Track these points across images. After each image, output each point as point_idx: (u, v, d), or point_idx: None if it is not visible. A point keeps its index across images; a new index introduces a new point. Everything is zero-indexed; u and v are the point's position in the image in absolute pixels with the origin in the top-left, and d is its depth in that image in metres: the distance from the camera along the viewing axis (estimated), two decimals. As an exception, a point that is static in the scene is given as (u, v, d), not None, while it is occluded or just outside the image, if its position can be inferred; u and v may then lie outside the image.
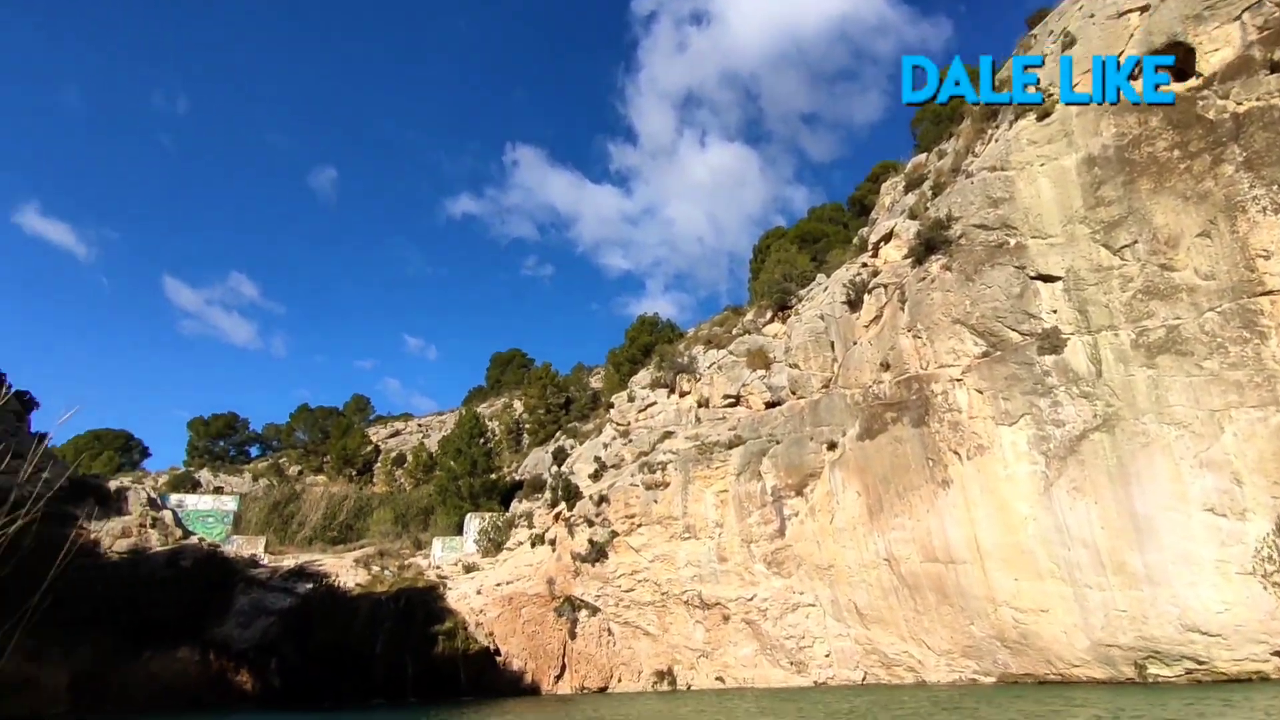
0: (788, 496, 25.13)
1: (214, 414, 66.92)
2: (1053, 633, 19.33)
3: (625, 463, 29.51)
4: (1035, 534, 19.87)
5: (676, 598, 26.14)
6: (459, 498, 40.52)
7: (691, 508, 26.39)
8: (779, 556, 24.86)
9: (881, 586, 22.65)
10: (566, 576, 28.21)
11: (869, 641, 23.02)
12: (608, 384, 46.31)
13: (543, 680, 27.13)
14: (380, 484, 54.52)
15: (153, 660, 28.15)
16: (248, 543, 37.23)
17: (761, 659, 24.68)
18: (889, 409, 23.63)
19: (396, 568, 34.13)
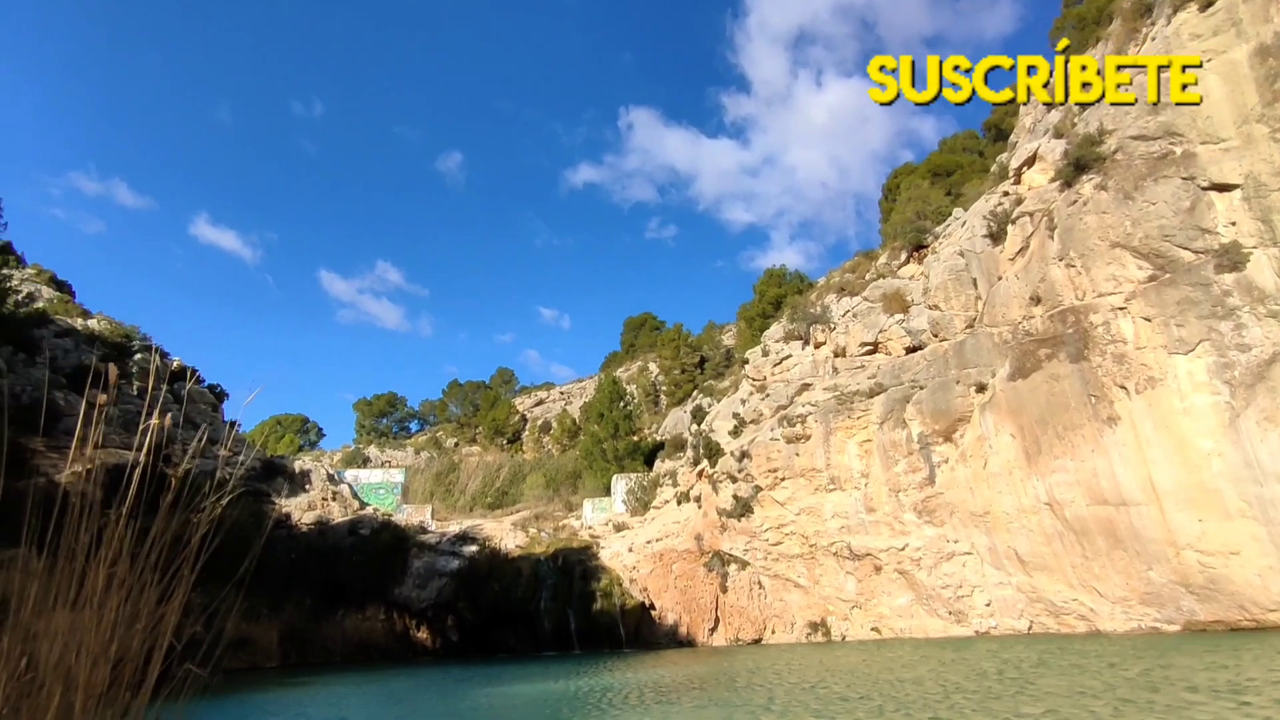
0: (935, 443, 24.22)
1: (376, 394, 72.08)
2: (1245, 576, 17.75)
3: (764, 418, 29.36)
4: (1221, 471, 18.22)
5: (825, 549, 25.96)
6: (604, 460, 41.82)
7: (834, 459, 25.97)
8: (930, 505, 24.10)
9: (1044, 532, 21.51)
10: (713, 532, 28.62)
11: (1033, 590, 21.98)
12: (740, 340, 46.05)
13: (697, 633, 27.85)
14: (529, 451, 57.07)
15: (346, 619, 31.16)
16: (416, 511, 40.17)
17: (918, 609, 24.16)
18: (1042, 345, 22.17)
19: (552, 529, 35.83)
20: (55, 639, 2.45)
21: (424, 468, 53.59)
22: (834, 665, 18.60)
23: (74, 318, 35.77)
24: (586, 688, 16.68)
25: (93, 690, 2.50)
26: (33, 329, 29.08)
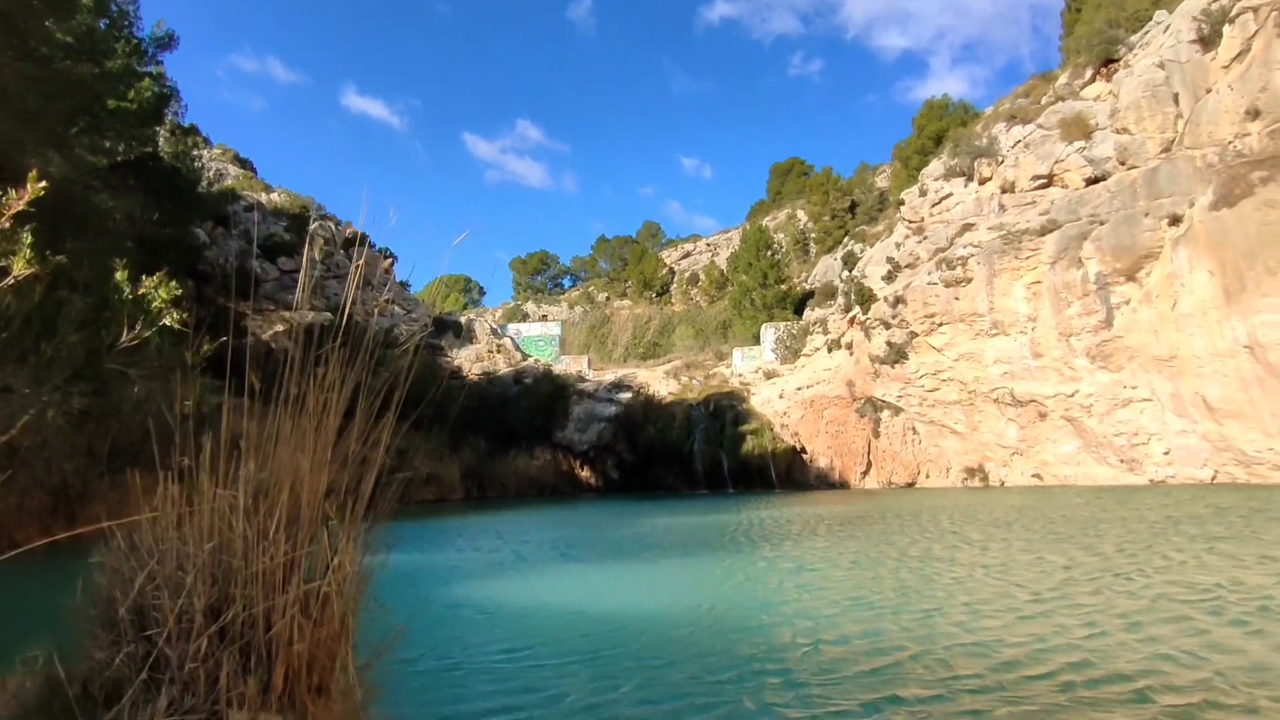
0: (1116, 283, 22.24)
1: (529, 253, 74.58)
2: None
3: (920, 261, 27.96)
4: None
5: (985, 396, 25.12)
6: (753, 309, 41.73)
7: (998, 302, 24.55)
8: (1105, 349, 22.50)
9: (1240, 377, 19.68)
10: (866, 379, 28.33)
11: (1221, 438, 20.42)
12: (895, 181, 43.25)
13: (849, 476, 28.28)
14: (678, 303, 57.76)
15: (517, 459, 34.06)
16: (573, 361, 42.26)
17: (1085, 456, 23.19)
18: (1256, 167, 19.41)
19: (703, 377, 36.75)
20: (283, 455, 2.85)
21: (578, 321, 55.78)
22: (993, 504, 18.50)
23: (258, 192, 38.88)
24: (740, 520, 17.59)
25: (314, 494, 2.89)
26: (226, 205, 31.91)
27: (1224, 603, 6.90)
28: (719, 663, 5.91)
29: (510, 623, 7.71)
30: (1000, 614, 7.16)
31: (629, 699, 5.09)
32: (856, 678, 5.49)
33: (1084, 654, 5.61)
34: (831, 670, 5.80)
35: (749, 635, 6.79)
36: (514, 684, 5.65)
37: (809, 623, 7.23)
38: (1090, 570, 8.96)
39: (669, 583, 9.93)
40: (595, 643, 6.77)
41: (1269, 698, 4.59)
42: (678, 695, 5.17)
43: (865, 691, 5.19)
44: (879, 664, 5.75)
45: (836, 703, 4.88)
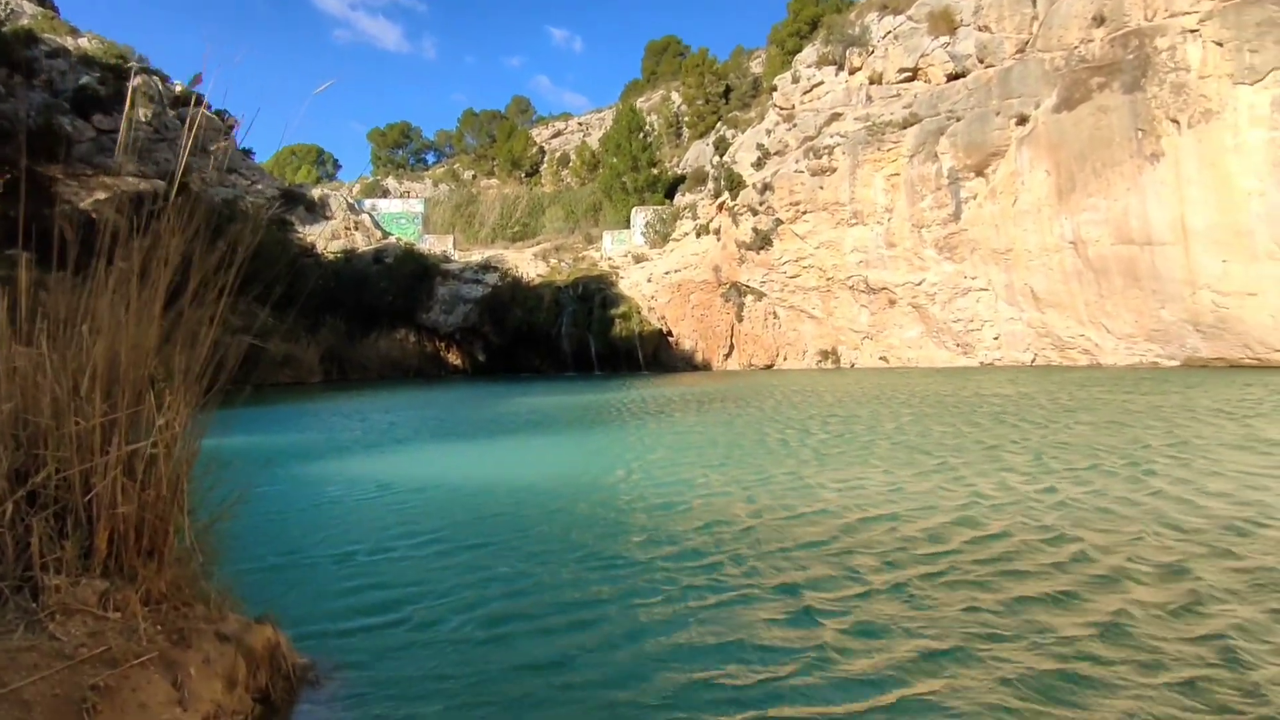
0: (966, 178, 23.50)
1: (389, 124, 69.71)
2: (1257, 317, 18.02)
3: (789, 149, 28.35)
4: (1259, 212, 17.79)
5: (841, 283, 26.36)
6: (624, 193, 41.25)
7: (859, 193, 25.44)
8: (952, 241, 23.97)
9: (1063, 270, 21.57)
10: (732, 264, 28.95)
11: (1043, 325, 22.55)
12: (770, 66, 43.03)
13: (712, 358, 29.30)
14: (548, 184, 56.20)
15: (379, 340, 32.92)
16: (438, 241, 40.63)
17: (927, 341, 25.04)
18: (1096, 73, 20.64)
19: (572, 260, 36.37)
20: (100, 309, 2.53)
21: (443, 200, 53.29)
22: (842, 383, 19.82)
23: (62, 36, 33.66)
24: (610, 400, 17.92)
25: (139, 353, 2.62)
26: (22, 48, 27.51)
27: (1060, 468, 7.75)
28: (609, 530, 6.05)
29: (385, 501, 7.58)
30: (854, 480, 7.69)
31: (512, 553, 5.16)
32: (734, 535, 5.77)
33: (948, 512, 6.13)
34: (694, 527, 6.08)
35: (632, 504, 6.98)
36: (406, 570, 5.60)
37: (680, 489, 7.51)
38: (933, 446, 9.78)
39: (542, 458, 10.02)
40: (470, 503, 6.78)
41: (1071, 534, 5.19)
42: (574, 558, 5.28)
43: (738, 543, 5.47)
44: (752, 523, 6.07)
45: (679, 547, 5.14)
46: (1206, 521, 5.37)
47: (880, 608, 4.18)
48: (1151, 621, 3.78)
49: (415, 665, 3.56)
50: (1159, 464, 7.35)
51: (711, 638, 3.76)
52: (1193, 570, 4.40)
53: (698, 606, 4.23)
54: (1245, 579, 4.29)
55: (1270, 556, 4.68)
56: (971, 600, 4.15)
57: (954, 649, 3.54)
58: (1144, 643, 3.53)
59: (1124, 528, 5.38)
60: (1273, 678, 3.18)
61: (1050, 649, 3.54)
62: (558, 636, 3.82)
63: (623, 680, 3.35)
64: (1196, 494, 6.16)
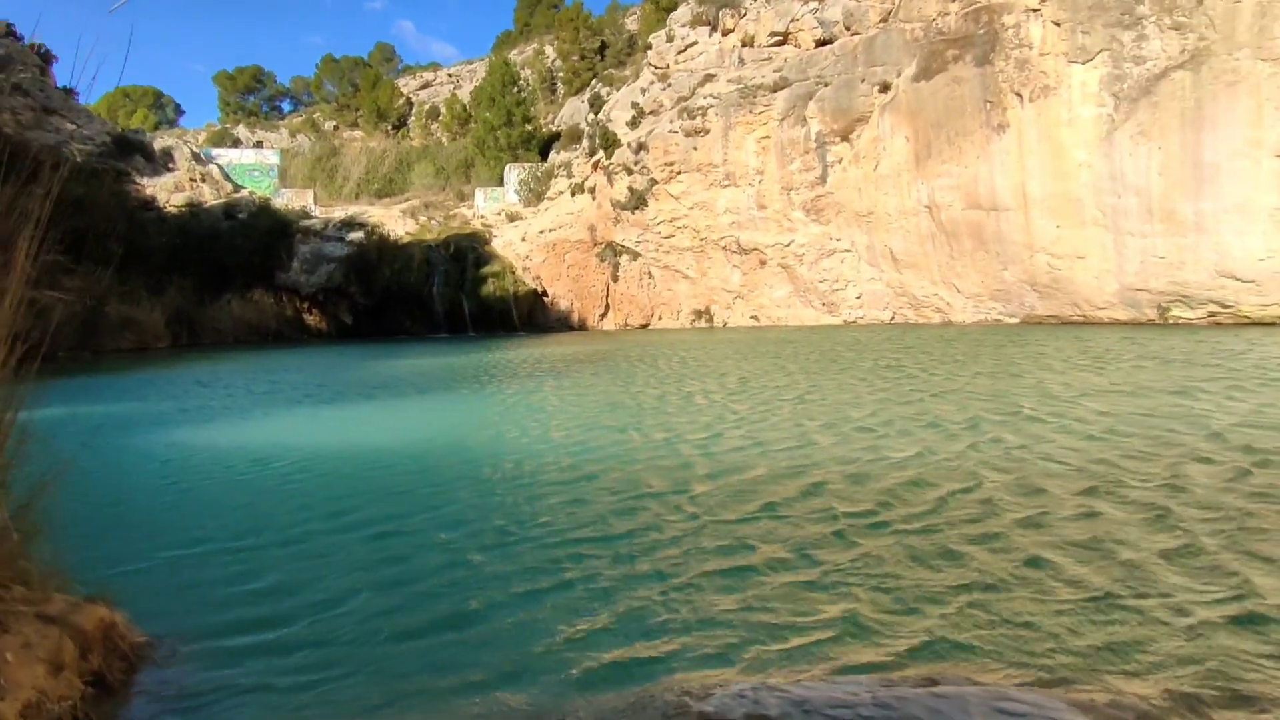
0: (832, 143, 24.30)
1: (238, 67, 64.45)
2: (1085, 278, 19.72)
3: (664, 109, 28.33)
4: (1087, 181, 19.35)
5: (715, 243, 26.80)
6: (497, 149, 40.08)
7: (732, 154, 25.82)
8: (819, 204, 24.81)
9: (919, 233, 22.82)
10: (607, 224, 28.82)
11: (900, 285, 23.84)
12: (645, 24, 42.69)
13: (588, 318, 29.22)
14: (417, 138, 53.81)
15: (233, 301, 30.71)
16: (296, 195, 38.14)
17: (795, 300, 25.95)
18: (952, 45, 21.71)
19: (442, 218, 35.11)
20: None
21: (302, 152, 50.02)
22: (714, 341, 20.32)
23: None
24: (484, 360, 17.53)
25: None
26: None
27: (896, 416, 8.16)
28: (493, 488, 5.88)
29: (256, 479, 7.07)
30: (726, 433, 7.81)
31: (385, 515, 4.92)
32: (607, 486, 5.72)
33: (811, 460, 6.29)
34: (575, 480, 6.01)
35: (515, 460, 6.82)
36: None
37: (554, 446, 7.41)
38: (807, 390, 10.11)
39: (415, 420, 9.67)
40: (363, 476, 6.43)
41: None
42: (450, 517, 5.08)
43: (610, 495, 5.44)
44: (627, 474, 6.06)
45: (597, 516, 5.07)
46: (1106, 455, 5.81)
47: (831, 557, 4.27)
48: (1069, 554, 4.03)
49: (267, 637, 3.35)
50: (1056, 409, 7.92)
51: (663, 611, 3.72)
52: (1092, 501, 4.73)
53: (641, 584, 4.17)
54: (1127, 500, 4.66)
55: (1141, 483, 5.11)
56: (857, 545, 4.30)
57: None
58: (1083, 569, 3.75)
59: (1077, 464, 5.74)
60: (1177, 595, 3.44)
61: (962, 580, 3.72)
62: (432, 605, 3.69)
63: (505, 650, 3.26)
64: (1084, 432, 6.68)
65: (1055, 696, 2.58)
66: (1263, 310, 17.35)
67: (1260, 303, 17.38)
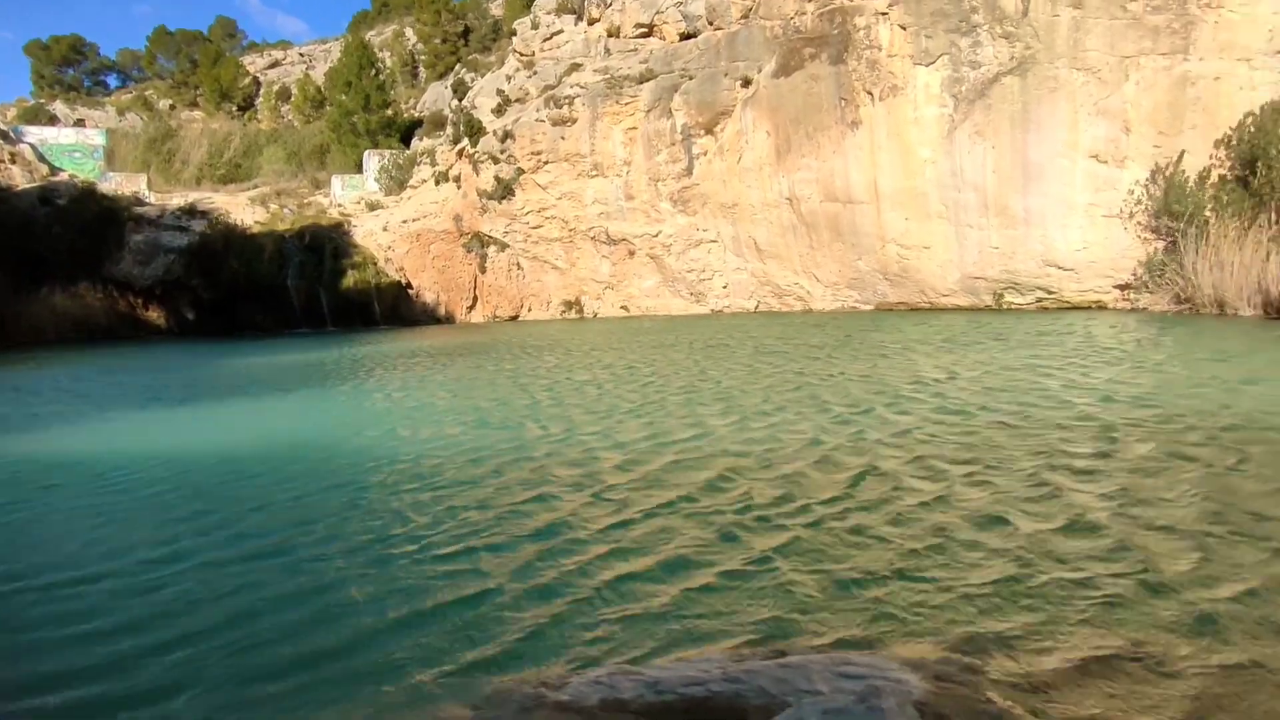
0: (697, 135, 24.74)
1: (54, 36, 58.16)
2: (930, 267, 21.06)
3: (530, 97, 27.92)
4: (931, 177, 20.60)
5: (584, 234, 26.72)
6: (355, 135, 38.22)
7: (599, 145, 25.79)
8: (685, 195, 25.22)
9: (781, 224, 23.64)
10: (474, 214, 28.12)
11: (764, 275, 24.66)
12: (510, 9, 41.89)
13: (456, 310, 28.44)
14: (266, 120, 50.54)
15: (53, 296, 27.76)
16: (127, 180, 34.83)
17: (664, 290, 26.30)
18: (808, 44, 22.54)
19: (296, 206, 33.15)
20: None
21: (133, 132, 45.80)
22: (590, 331, 20.29)
23: None
24: (351, 355, 16.69)
25: None
26: None
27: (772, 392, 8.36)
28: (352, 487, 5.54)
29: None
30: (591, 417, 7.74)
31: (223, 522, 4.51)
32: (474, 478, 5.53)
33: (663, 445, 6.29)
34: (439, 475, 5.77)
35: (402, 461, 6.48)
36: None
37: (447, 444, 7.12)
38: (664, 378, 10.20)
39: (280, 423, 9.03)
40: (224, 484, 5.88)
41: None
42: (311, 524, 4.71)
43: (511, 493, 5.25)
44: (531, 469, 5.87)
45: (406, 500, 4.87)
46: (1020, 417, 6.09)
47: (688, 530, 4.22)
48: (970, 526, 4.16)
49: (96, 692, 2.99)
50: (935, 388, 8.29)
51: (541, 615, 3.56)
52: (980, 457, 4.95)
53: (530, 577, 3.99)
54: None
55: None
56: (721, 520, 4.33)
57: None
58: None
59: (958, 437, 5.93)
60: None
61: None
62: (300, 636, 3.42)
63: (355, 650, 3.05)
64: (981, 399, 7.03)
65: (890, 658, 2.81)
66: (1080, 296, 19.14)
67: (1078, 289, 19.16)
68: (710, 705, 2.45)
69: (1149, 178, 17.85)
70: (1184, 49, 17.45)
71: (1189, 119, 17.57)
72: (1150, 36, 17.69)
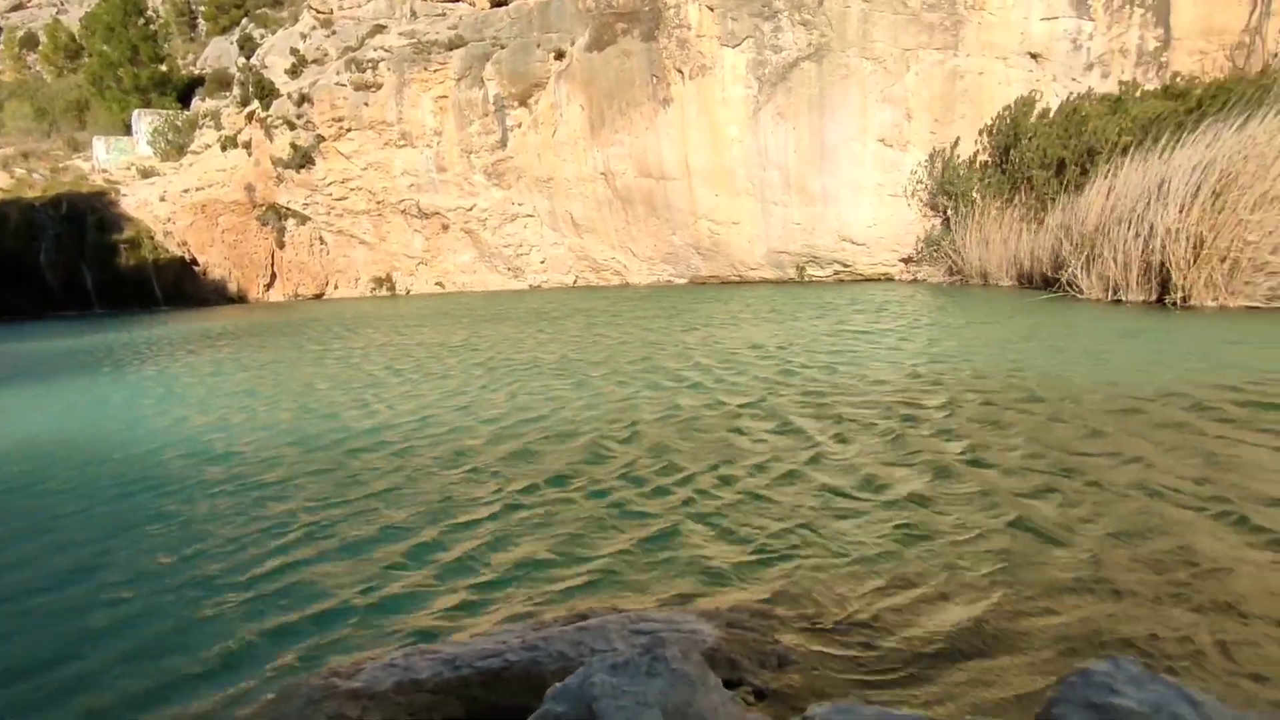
0: (511, 107, 24.19)
1: None
2: (739, 242, 22.00)
3: (329, 58, 26.00)
4: (739, 155, 21.44)
5: (393, 207, 25.42)
6: (121, 91, 33.90)
7: (407, 113, 24.54)
8: (500, 168, 24.63)
9: (596, 199, 23.73)
10: (268, 183, 25.89)
11: (582, 249, 24.69)
12: (304, -37, 38.69)
13: (250, 288, 26.14)
14: (8, 70, 43.71)
15: None
16: None
17: (480, 265, 25.64)
18: (620, 19, 22.61)
19: (49, 171, 28.98)
20: None
21: None
22: (410, 309, 19.39)
23: None
24: (130, 340, 14.84)
25: None
26: None
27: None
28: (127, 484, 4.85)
29: None
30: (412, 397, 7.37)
31: None
32: (298, 470, 5.07)
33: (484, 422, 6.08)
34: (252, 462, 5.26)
35: (161, 448, 5.73)
36: None
37: (280, 432, 6.45)
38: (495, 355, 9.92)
39: (41, 417, 7.82)
40: None
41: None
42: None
43: (305, 477, 4.82)
44: (276, 454, 5.44)
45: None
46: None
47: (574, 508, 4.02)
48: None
49: None
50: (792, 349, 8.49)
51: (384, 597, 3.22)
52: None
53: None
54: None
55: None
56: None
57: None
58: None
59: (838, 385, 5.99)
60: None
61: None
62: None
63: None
64: (826, 365, 7.22)
65: (687, 611, 2.92)
66: (872, 269, 20.80)
67: (870, 263, 20.80)
68: (507, 675, 2.48)
69: (926, 161, 19.65)
70: (954, 45, 19.25)
71: (959, 109, 19.47)
72: (927, 32, 19.35)
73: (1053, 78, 18.69)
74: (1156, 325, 9.82)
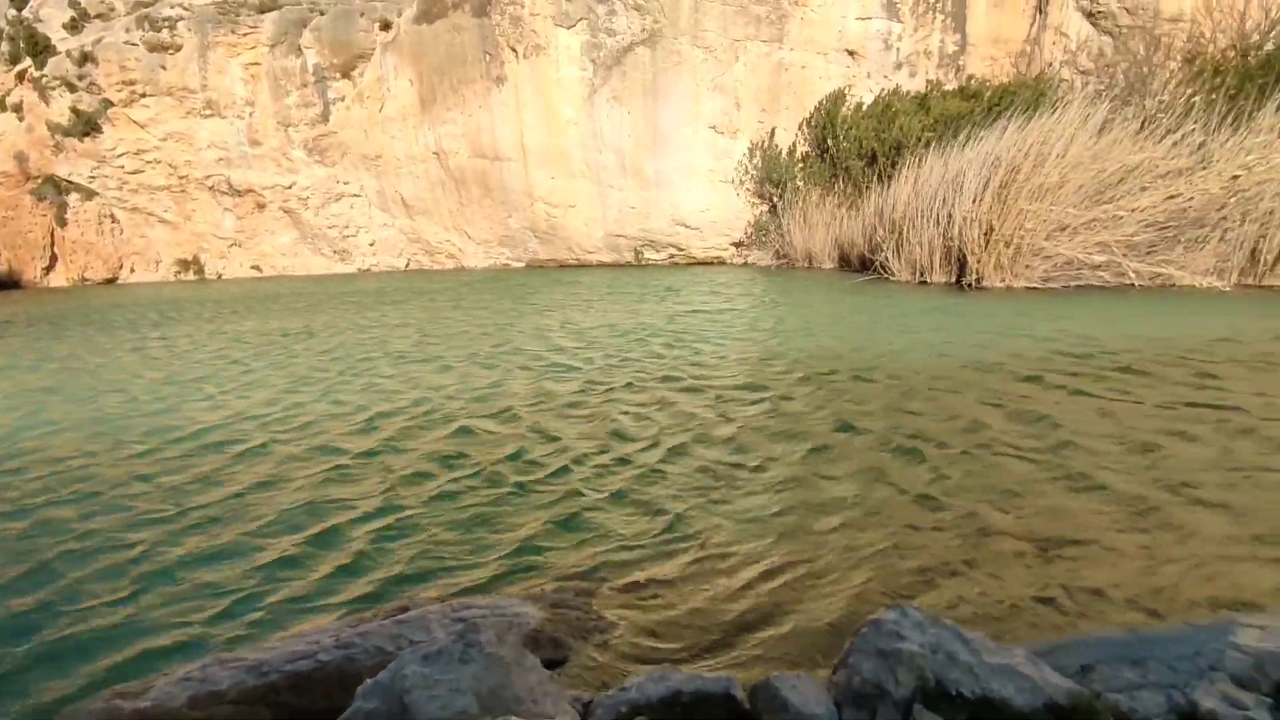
0: (333, 78, 22.71)
1: None
2: (576, 225, 21.92)
3: (117, 14, 23.25)
4: (574, 137, 21.31)
5: (199, 182, 23.19)
6: None
7: (213, 80, 22.42)
8: (322, 144, 23.09)
9: (429, 179, 22.82)
10: (44, 152, 22.83)
11: (414, 231, 23.67)
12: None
13: (26, 271, 22.99)
14: None
15: None
16: None
17: (302, 248, 23.96)
18: (450, -9, 21.80)
19: None
20: None
21: None
22: (227, 295, 17.74)
23: None
24: None
25: None
26: None
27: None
28: None
29: None
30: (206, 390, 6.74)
31: None
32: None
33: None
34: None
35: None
36: None
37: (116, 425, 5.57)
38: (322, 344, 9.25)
39: None
40: None
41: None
42: None
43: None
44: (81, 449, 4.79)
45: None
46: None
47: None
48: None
49: None
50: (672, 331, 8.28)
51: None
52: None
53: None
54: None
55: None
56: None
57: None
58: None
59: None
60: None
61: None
62: None
63: None
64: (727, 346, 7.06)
65: (511, 596, 2.91)
66: (705, 252, 21.40)
67: (703, 246, 21.38)
68: (319, 676, 2.33)
69: (749, 150, 20.41)
70: (780, 39, 20.07)
71: (784, 100, 20.36)
72: (754, 24, 20.04)
73: (867, 74, 19.92)
74: (955, 304, 10.72)
